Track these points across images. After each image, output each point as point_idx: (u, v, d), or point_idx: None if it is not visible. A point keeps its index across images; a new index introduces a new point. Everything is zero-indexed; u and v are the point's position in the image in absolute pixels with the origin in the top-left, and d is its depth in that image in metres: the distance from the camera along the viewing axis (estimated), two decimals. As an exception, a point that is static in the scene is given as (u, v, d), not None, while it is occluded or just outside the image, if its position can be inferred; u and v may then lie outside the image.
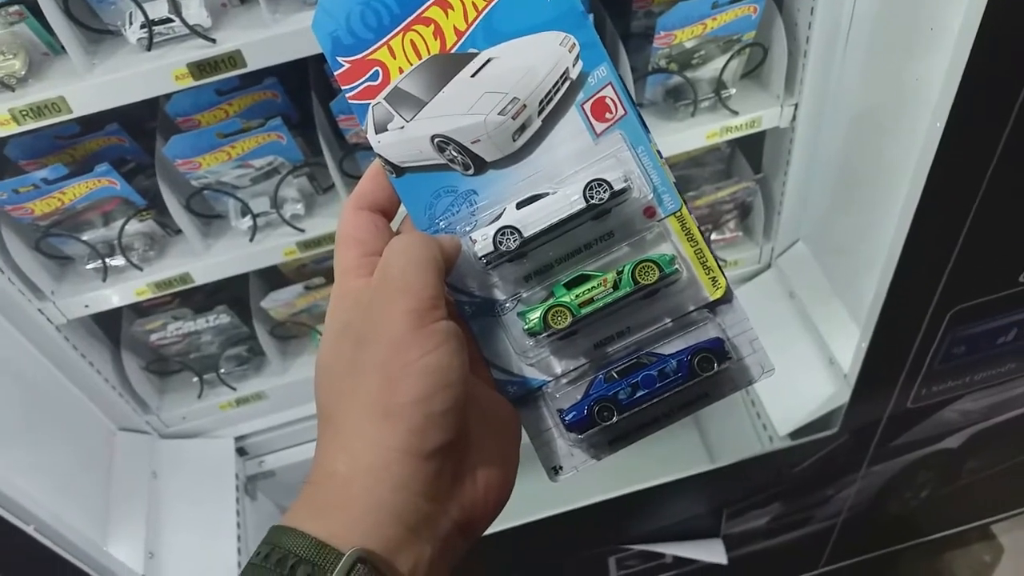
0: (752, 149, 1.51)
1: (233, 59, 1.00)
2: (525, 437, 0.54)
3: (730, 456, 1.45)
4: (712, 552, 1.54)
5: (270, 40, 1.00)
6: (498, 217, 0.52)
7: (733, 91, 1.29)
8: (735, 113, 1.29)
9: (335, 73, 0.52)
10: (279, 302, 1.42)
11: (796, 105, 1.30)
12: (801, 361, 1.46)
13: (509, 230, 0.51)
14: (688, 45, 1.23)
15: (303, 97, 1.27)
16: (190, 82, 1.01)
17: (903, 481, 1.60)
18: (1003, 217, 0.98)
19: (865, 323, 1.21)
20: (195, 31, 0.99)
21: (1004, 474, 1.73)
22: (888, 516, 1.75)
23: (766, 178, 1.51)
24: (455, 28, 0.51)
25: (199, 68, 1.00)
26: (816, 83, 1.26)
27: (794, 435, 1.44)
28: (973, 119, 0.87)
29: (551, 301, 0.52)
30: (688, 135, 1.30)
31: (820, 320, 1.46)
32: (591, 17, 1.11)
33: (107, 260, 1.23)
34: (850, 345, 1.32)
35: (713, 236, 1.56)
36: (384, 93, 0.52)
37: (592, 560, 1.56)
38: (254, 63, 1.01)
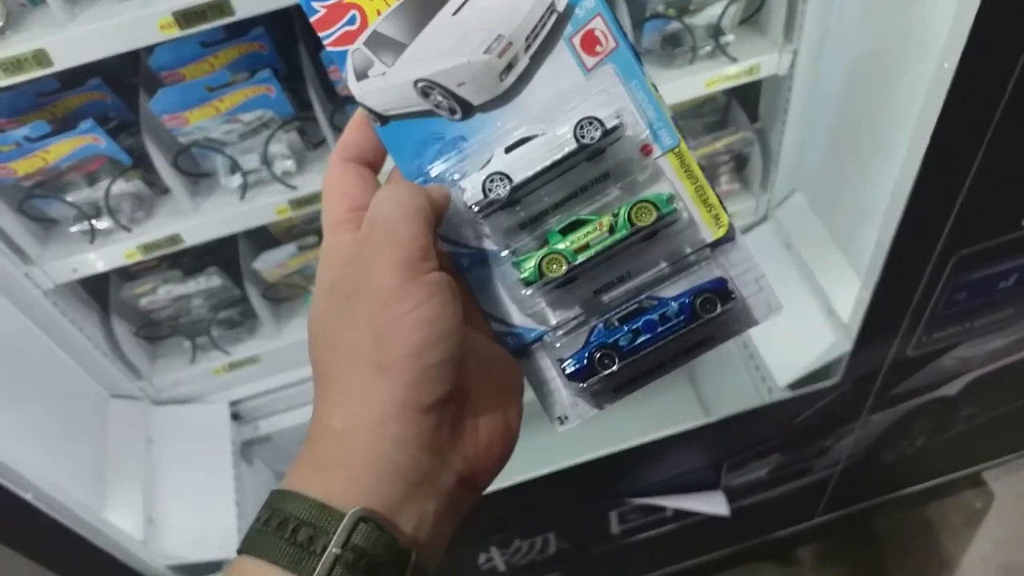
0: (749, 98, 1.49)
1: (220, 7, 0.96)
2: (529, 390, 0.52)
3: (728, 409, 1.45)
4: (714, 504, 1.54)
5: (258, -14, 0.96)
6: (487, 163, 0.49)
7: (731, 38, 1.27)
8: (734, 60, 1.27)
9: (311, 19, 0.49)
10: (272, 263, 1.39)
11: (795, 52, 1.27)
12: (799, 312, 1.46)
13: (498, 176, 0.49)
14: (687, -11, 1.20)
15: (290, 49, 1.23)
16: (176, 32, 0.97)
17: (900, 430, 1.61)
18: (1009, 160, 0.97)
19: (867, 272, 1.20)
20: (179, -23, 0.95)
21: (997, 421, 1.75)
22: (884, 465, 1.77)
23: (763, 128, 1.49)
24: None
25: (185, 17, 0.96)
26: (815, 29, 1.24)
27: (793, 386, 1.44)
28: (985, 60, 0.85)
29: (545, 249, 0.50)
30: (686, 83, 1.27)
31: (818, 270, 1.46)
32: None
33: (94, 222, 1.19)
34: (849, 295, 1.31)
35: (709, 189, 1.54)
36: (363, 38, 0.49)
37: (593, 514, 1.57)
38: (242, 10, 0.97)
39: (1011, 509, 2.11)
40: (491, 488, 0.49)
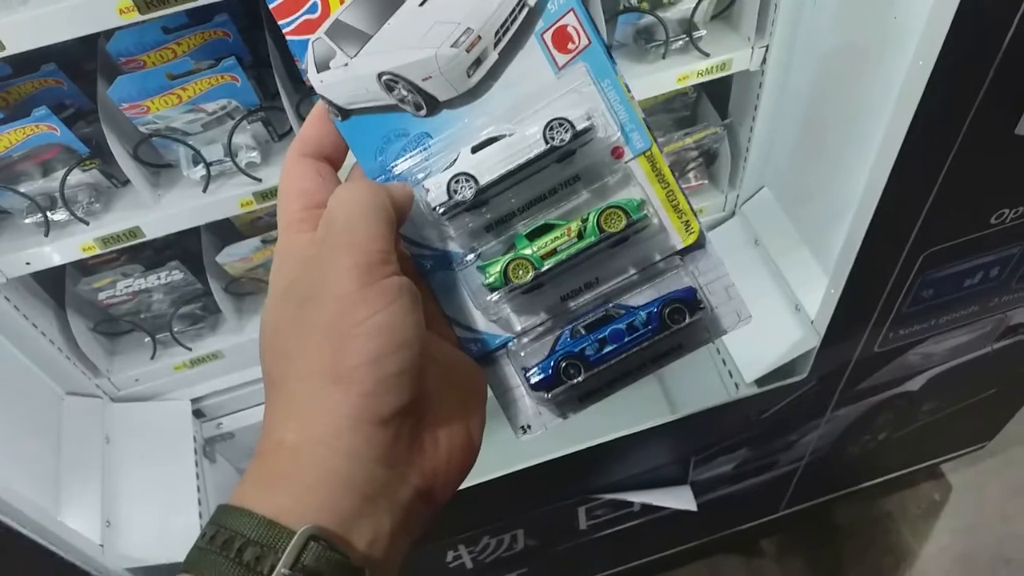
0: (718, 94, 1.49)
1: (183, -10, 0.92)
2: (492, 396, 0.51)
3: (696, 405, 1.46)
4: (681, 499, 1.55)
5: (224, -29, 0.93)
6: (452, 163, 0.48)
7: (703, 32, 1.26)
8: (706, 55, 1.26)
9: (270, 6, 0.47)
10: (235, 257, 1.36)
11: (767, 47, 1.27)
12: (767, 308, 1.46)
13: (464, 177, 0.47)
14: (661, -17, 1.19)
15: (255, 36, 1.20)
16: (135, 16, 0.93)
17: (864, 425, 1.63)
18: (982, 157, 0.98)
19: (835, 268, 1.21)
20: (140, -40, 0.91)
21: (955, 415, 1.78)
22: (847, 459, 1.79)
23: (733, 124, 1.49)
24: None
25: (145, 1, 0.92)
26: (788, 24, 1.24)
27: (760, 382, 1.45)
28: (961, 57, 0.85)
29: (512, 254, 0.48)
30: (658, 78, 1.26)
31: (785, 267, 1.46)
32: None
33: (48, 214, 1.15)
34: (816, 291, 1.32)
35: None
36: (324, 27, 0.47)
37: (561, 511, 1.56)
38: (206, -5, 0.94)
39: (968, 501, 2.16)
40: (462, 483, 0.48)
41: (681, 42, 1.25)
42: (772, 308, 1.46)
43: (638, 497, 1.56)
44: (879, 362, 1.40)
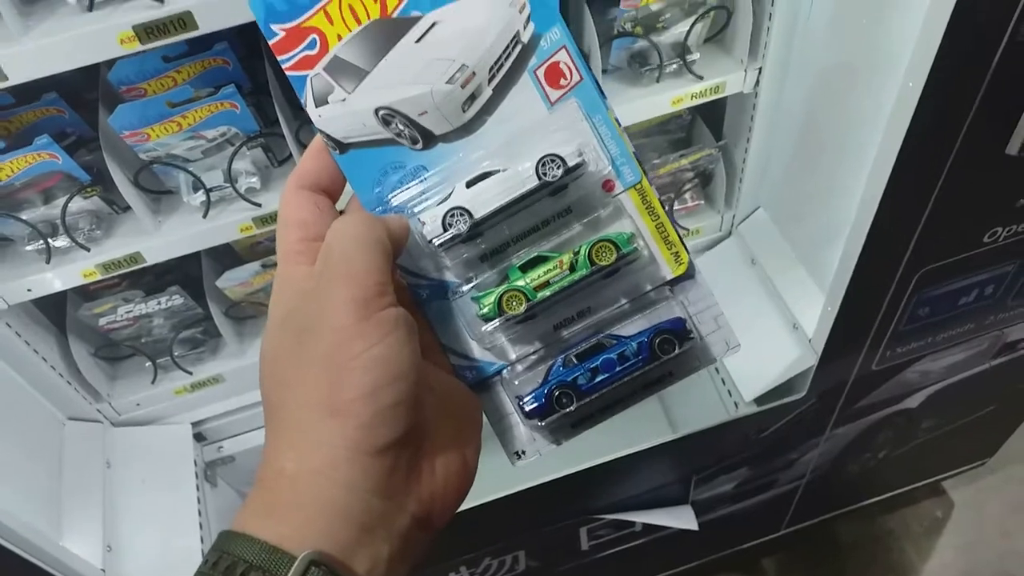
0: (713, 116, 1.51)
1: (183, 20, 0.94)
2: (486, 422, 0.52)
3: (696, 423, 1.46)
4: (682, 519, 1.55)
5: (222, 0, 0.94)
6: (447, 197, 0.49)
7: (697, 56, 1.28)
8: (700, 78, 1.28)
9: (270, 42, 0.48)
10: (235, 281, 1.36)
11: (760, 70, 1.29)
12: (764, 327, 1.47)
13: (459, 211, 0.48)
14: (654, 8, 1.21)
15: (255, 63, 1.22)
16: (136, 46, 0.95)
17: (864, 442, 1.63)
18: (974, 177, 0.99)
19: (832, 287, 1.22)
20: (141, -9, 0.92)
21: (956, 432, 1.78)
22: (848, 477, 1.79)
23: (728, 145, 1.50)
24: None
25: (146, 31, 0.94)
26: (780, 47, 1.26)
27: (759, 400, 1.45)
28: (951, 79, 0.86)
29: (505, 285, 0.49)
30: (653, 101, 1.28)
31: (782, 286, 1.47)
32: None
33: (50, 241, 1.16)
34: (813, 310, 1.32)
35: (674, 205, 1.56)
36: (323, 63, 0.48)
37: (563, 531, 1.56)
38: (206, 25, 0.95)
39: (970, 517, 2.16)
40: (461, 507, 0.48)
41: (675, 65, 1.27)
42: (770, 327, 1.47)
43: (640, 517, 1.56)
44: (877, 380, 1.41)
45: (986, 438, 1.95)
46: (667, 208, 1.54)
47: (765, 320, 1.47)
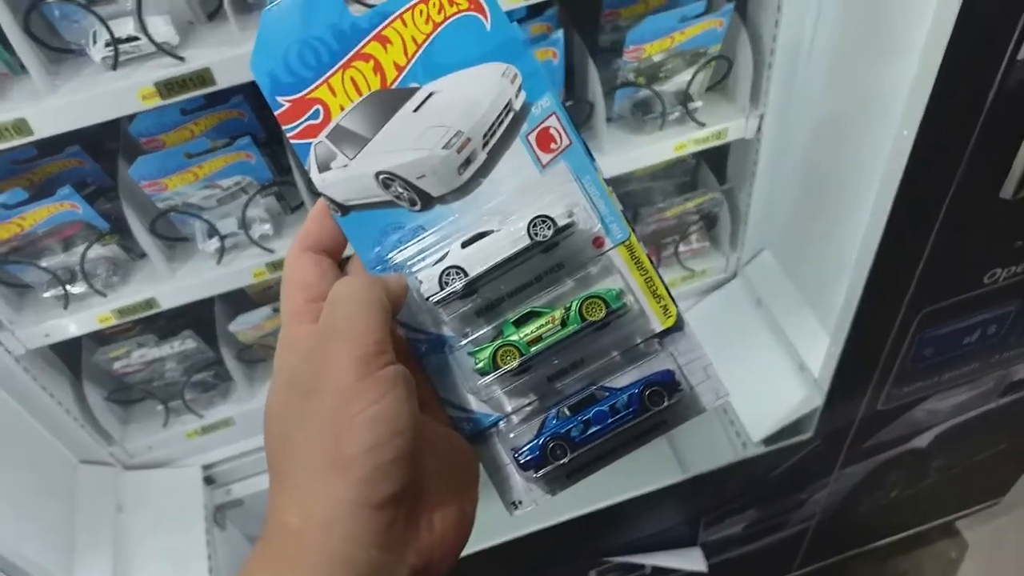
0: (717, 160, 1.53)
1: (202, 77, 0.98)
2: (484, 472, 0.53)
3: (704, 464, 1.46)
4: (692, 560, 1.54)
5: (240, 57, 0.98)
6: (443, 257, 0.51)
7: (700, 104, 1.31)
8: (702, 125, 1.31)
9: (275, 112, 0.51)
10: (247, 325, 1.39)
11: (761, 116, 1.32)
12: (771, 368, 1.48)
13: (454, 270, 0.51)
14: (656, 59, 1.25)
15: (268, 113, 1.25)
16: (157, 101, 0.99)
17: (874, 482, 1.63)
18: (971, 219, 1.01)
19: (836, 328, 1.23)
20: (163, 49, 0.96)
21: (968, 471, 1.77)
22: (859, 517, 1.78)
23: (732, 189, 1.53)
24: (395, 63, 0.50)
25: (167, 87, 0.98)
26: (781, 94, 1.29)
27: (767, 441, 1.46)
28: (942, 127, 0.89)
29: (500, 340, 0.51)
30: (657, 148, 1.31)
31: (788, 327, 1.49)
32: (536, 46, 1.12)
33: (68, 287, 1.19)
34: (819, 350, 1.34)
35: (680, 247, 1.58)
36: (326, 131, 0.51)
37: (572, 574, 1.55)
38: (224, 80, 0.99)
39: (985, 558, 2.13)
40: (469, 550, 0.50)
41: (677, 113, 1.30)
42: (776, 367, 1.48)
43: (649, 560, 1.55)
44: (884, 419, 1.41)
45: (998, 476, 1.94)
46: (673, 250, 1.56)
47: (772, 361, 1.49)
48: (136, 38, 0.96)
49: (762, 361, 1.50)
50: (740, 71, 1.28)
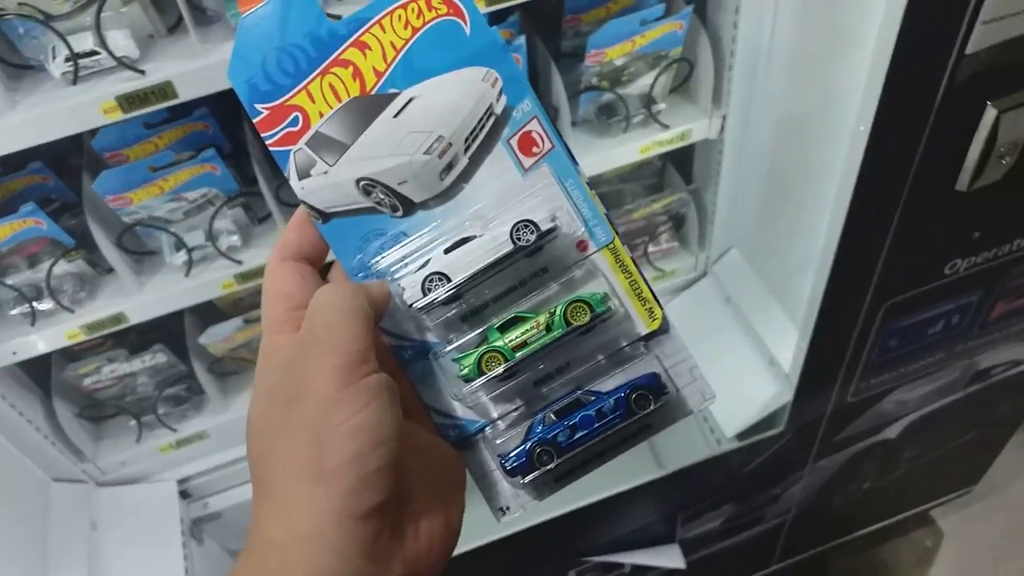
0: (683, 161, 1.55)
1: (164, 90, 0.97)
2: (470, 479, 0.53)
3: (679, 460, 1.48)
4: (670, 558, 1.55)
5: (202, 70, 0.98)
6: (426, 263, 0.51)
7: (663, 106, 1.33)
8: (666, 127, 1.32)
9: (254, 120, 0.51)
10: (218, 337, 1.38)
11: (724, 116, 1.34)
12: (742, 363, 1.50)
13: (437, 276, 0.50)
14: (618, 62, 1.26)
15: (234, 125, 1.25)
16: (119, 115, 0.98)
17: (847, 474, 1.65)
18: (928, 212, 1.03)
19: (803, 322, 1.25)
20: (123, 63, 0.96)
21: (939, 460, 1.80)
22: (834, 510, 1.80)
23: (698, 189, 1.55)
24: (374, 69, 0.50)
25: (128, 101, 0.97)
26: (742, 94, 1.31)
27: (741, 436, 1.47)
28: (895, 122, 0.91)
29: (484, 347, 0.51)
30: (622, 151, 1.32)
31: (758, 323, 1.50)
32: (520, 46, 1.13)
33: (35, 304, 1.18)
34: (789, 345, 1.35)
35: (649, 247, 1.59)
36: (305, 138, 0.50)
37: (552, 575, 1.56)
38: (186, 94, 0.99)
39: (960, 546, 2.16)
40: (446, 557, 0.49)
41: (641, 116, 1.31)
42: (747, 363, 1.49)
43: (629, 558, 1.56)
44: (854, 411, 1.43)
45: (969, 465, 1.97)
46: (642, 250, 1.58)
47: (742, 357, 1.50)
48: (96, 52, 0.96)
49: (733, 358, 1.51)
50: (701, 73, 1.30)
